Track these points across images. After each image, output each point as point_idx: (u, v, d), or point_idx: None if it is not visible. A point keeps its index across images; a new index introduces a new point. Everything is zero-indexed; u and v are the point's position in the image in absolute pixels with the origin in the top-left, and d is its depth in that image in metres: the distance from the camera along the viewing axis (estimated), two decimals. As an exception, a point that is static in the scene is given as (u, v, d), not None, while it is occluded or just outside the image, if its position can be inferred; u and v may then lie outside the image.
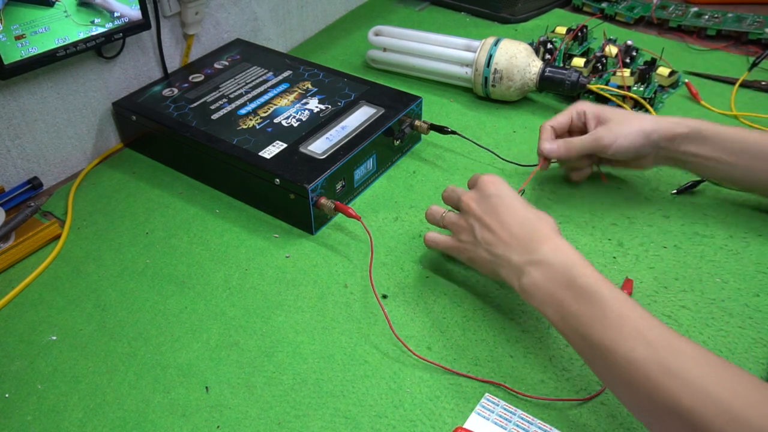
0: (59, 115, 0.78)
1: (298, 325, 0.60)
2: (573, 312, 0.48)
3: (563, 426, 0.51)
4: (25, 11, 0.67)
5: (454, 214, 0.61)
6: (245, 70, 0.87)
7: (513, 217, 0.55)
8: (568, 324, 0.49)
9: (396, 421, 0.52)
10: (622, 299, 0.47)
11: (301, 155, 0.71)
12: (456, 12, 1.16)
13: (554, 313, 0.50)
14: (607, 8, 1.10)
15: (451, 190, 0.63)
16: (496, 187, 0.58)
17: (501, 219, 0.56)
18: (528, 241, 0.53)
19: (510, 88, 0.87)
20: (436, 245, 0.63)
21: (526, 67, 0.85)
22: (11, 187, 0.75)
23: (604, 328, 0.46)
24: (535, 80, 0.86)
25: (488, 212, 0.57)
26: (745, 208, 0.71)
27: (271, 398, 0.54)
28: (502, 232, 0.55)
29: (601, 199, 0.73)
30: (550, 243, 0.52)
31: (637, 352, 0.44)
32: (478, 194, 0.58)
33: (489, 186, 0.58)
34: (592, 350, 0.47)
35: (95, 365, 0.57)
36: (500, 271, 0.55)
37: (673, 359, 0.43)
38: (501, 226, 0.55)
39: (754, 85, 0.90)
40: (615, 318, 0.46)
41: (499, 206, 0.56)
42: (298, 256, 0.68)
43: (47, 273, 0.67)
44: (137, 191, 0.78)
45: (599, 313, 0.47)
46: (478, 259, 0.58)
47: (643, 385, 0.43)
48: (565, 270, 0.50)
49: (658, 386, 0.42)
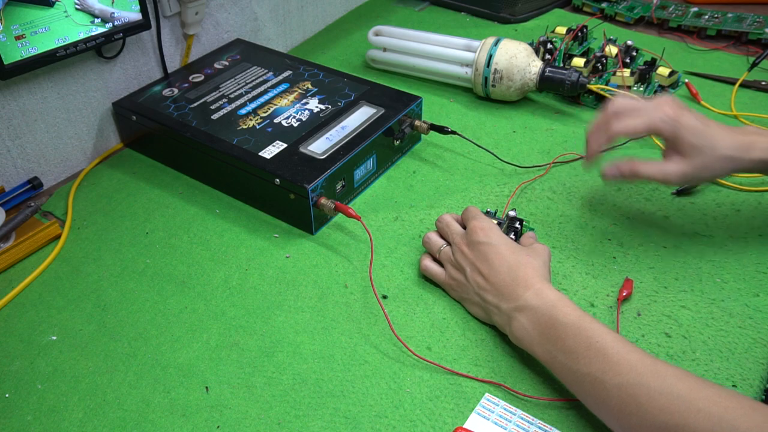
0: (59, 115, 0.78)
1: (298, 325, 0.60)
2: (560, 349, 0.51)
3: (563, 426, 0.51)
4: (25, 11, 0.67)
5: (449, 251, 0.62)
6: (245, 70, 0.87)
7: (501, 264, 0.57)
8: (557, 361, 0.51)
9: (396, 421, 0.52)
10: (604, 331, 0.50)
11: (301, 155, 0.71)
12: (456, 12, 1.16)
13: (544, 352, 0.52)
14: (607, 8, 1.10)
15: (445, 224, 0.64)
16: (486, 234, 0.59)
17: (491, 266, 0.57)
18: (514, 287, 0.55)
19: (510, 88, 0.87)
20: (430, 275, 0.64)
21: (526, 67, 0.85)
22: (11, 187, 0.75)
23: (590, 359, 0.49)
24: (535, 80, 0.86)
25: (479, 258, 0.58)
26: (745, 208, 0.71)
27: (271, 398, 0.54)
28: (492, 279, 0.57)
29: (601, 199, 0.73)
30: (532, 288, 0.54)
31: (624, 377, 0.46)
32: (469, 239, 0.60)
33: (479, 233, 0.59)
34: (582, 384, 0.49)
35: (95, 365, 0.57)
36: (492, 317, 0.57)
37: (659, 380, 0.45)
38: (491, 273, 0.57)
39: (754, 85, 0.90)
40: (599, 349, 0.49)
41: (489, 253, 0.58)
42: (298, 256, 0.68)
43: (47, 273, 0.67)
44: (137, 191, 0.78)
45: (583, 345, 0.49)
46: (469, 300, 0.60)
47: (635, 409, 0.45)
48: (548, 311, 0.52)
49: (649, 407, 0.44)
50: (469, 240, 0.60)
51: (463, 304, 0.61)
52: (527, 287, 0.54)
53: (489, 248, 0.58)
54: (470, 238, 0.60)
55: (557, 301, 0.53)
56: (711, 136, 0.59)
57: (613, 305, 0.61)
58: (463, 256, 0.60)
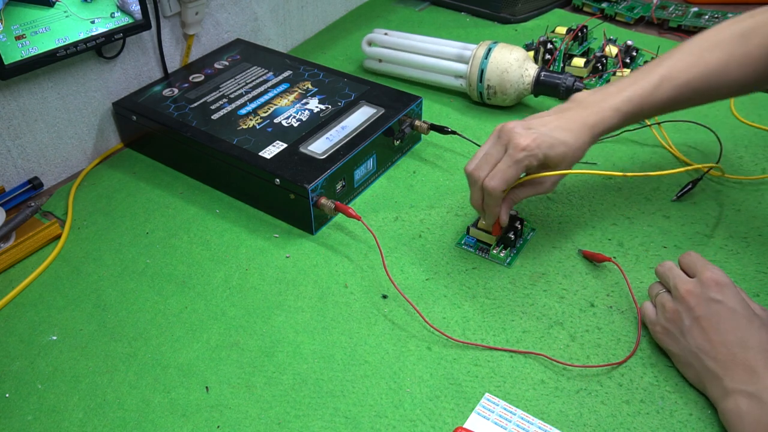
0: (59, 115, 0.78)
1: (298, 325, 0.60)
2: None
3: (563, 426, 0.51)
4: (26, 11, 0.67)
5: (669, 297, 0.56)
6: (245, 70, 0.87)
7: (735, 334, 0.50)
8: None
9: (396, 421, 0.52)
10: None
11: (301, 155, 0.71)
12: (456, 12, 1.16)
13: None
14: (607, 8, 1.10)
15: (668, 268, 0.57)
16: (722, 291, 0.52)
17: (720, 332, 0.51)
18: (744, 368, 0.49)
19: (506, 100, 0.87)
20: (644, 317, 0.58)
21: (518, 79, 0.84)
22: (11, 187, 0.75)
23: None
24: (530, 88, 0.85)
25: (707, 318, 0.52)
26: (745, 208, 0.71)
27: (271, 398, 0.54)
28: (721, 349, 0.50)
29: (601, 199, 0.73)
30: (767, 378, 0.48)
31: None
32: (699, 290, 0.53)
33: (713, 287, 0.52)
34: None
35: (95, 365, 0.57)
36: (706, 383, 0.52)
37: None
38: (721, 341, 0.51)
39: (754, 85, 0.90)
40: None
41: (722, 317, 0.51)
42: (298, 256, 0.68)
43: (47, 273, 0.67)
44: (137, 191, 0.78)
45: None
46: (681, 357, 0.54)
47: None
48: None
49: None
50: (701, 292, 0.53)
51: (671, 358, 0.55)
52: (763, 376, 0.48)
53: (723, 310, 0.51)
54: (702, 290, 0.53)
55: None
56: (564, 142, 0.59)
57: (614, 305, 0.61)
58: (687, 309, 0.53)
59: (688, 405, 0.52)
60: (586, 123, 0.60)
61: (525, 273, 0.64)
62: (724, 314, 0.51)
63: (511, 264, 0.65)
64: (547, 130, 0.60)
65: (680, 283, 0.55)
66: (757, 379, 0.48)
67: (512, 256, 0.66)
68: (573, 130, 0.60)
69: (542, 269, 0.65)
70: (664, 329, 0.55)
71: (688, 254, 0.57)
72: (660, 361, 0.55)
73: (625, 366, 0.55)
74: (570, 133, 0.60)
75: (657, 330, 0.56)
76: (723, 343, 0.50)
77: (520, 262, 0.66)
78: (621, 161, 0.78)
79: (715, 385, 0.51)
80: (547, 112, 0.63)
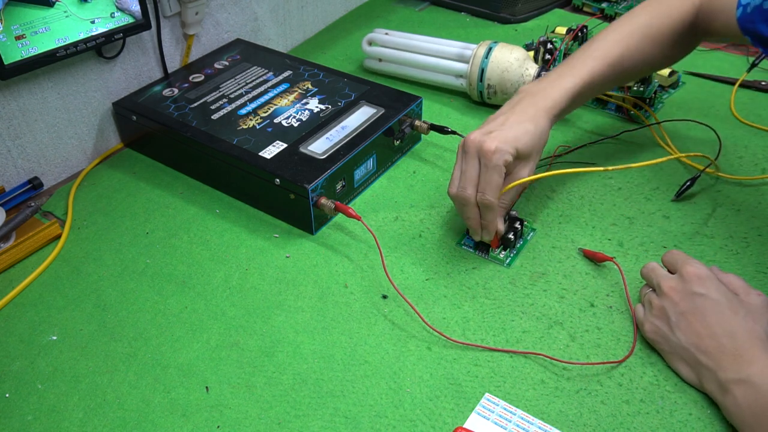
0: (59, 115, 0.78)
1: (298, 325, 0.60)
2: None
3: (563, 426, 0.51)
4: (25, 11, 0.67)
5: (655, 296, 0.57)
6: (245, 70, 0.87)
7: (721, 325, 0.51)
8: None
9: (396, 421, 0.52)
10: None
11: (301, 155, 0.71)
12: (456, 12, 1.16)
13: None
14: (607, 8, 1.11)
15: (651, 269, 0.59)
16: (704, 285, 0.53)
17: (707, 325, 0.52)
18: (734, 357, 0.50)
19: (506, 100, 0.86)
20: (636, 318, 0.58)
21: (519, 78, 0.84)
22: (11, 187, 0.75)
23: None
24: None
25: (692, 311, 0.52)
26: (745, 208, 0.71)
27: (271, 398, 0.54)
28: (709, 341, 0.51)
29: (601, 199, 0.73)
30: (757, 363, 0.49)
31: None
32: (681, 286, 0.54)
33: (695, 281, 0.53)
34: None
35: (95, 365, 0.57)
36: (701, 378, 0.52)
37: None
38: (708, 333, 0.51)
39: (753, 85, 0.90)
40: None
41: (707, 309, 0.52)
42: (298, 256, 0.68)
43: (47, 273, 0.67)
44: (137, 191, 0.78)
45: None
46: (676, 355, 0.54)
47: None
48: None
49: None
50: (683, 288, 0.54)
51: (664, 357, 0.55)
52: (752, 361, 0.49)
53: (707, 303, 0.52)
54: (684, 285, 0.54)
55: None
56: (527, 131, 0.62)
57: (613, 305, 0.61)
58: (672, 305, 0.54)
59: (688, 405, 0.52)
60: (540, 108, 0.64)
61: (525, 273, 0.64)
62: (709, 306, 0.52)
63: (511, 264, 0.65)
64: (507, 126, 0.63)
65: (663, 280, 0.56)
66: (746, 364, 0.49)
67: (512, 256, 0.66)
68: (531, 118, 0.63)
69: (542, 269, 0.65)
70: (653, 327, 0.56)
71: (670, 252, 0.58)
72: (660, 360, 0.55)
73: (625, 366, 0.55)
74: (529, 121, 0.63)
75: (647, 329, 0.56)
76: (711, 335, 0.51)
77: (520, 262, 0.66)
78: (621, 161, 0.78)
79: (710, 379, 0.51)
80: (499, 111, 0.66)
